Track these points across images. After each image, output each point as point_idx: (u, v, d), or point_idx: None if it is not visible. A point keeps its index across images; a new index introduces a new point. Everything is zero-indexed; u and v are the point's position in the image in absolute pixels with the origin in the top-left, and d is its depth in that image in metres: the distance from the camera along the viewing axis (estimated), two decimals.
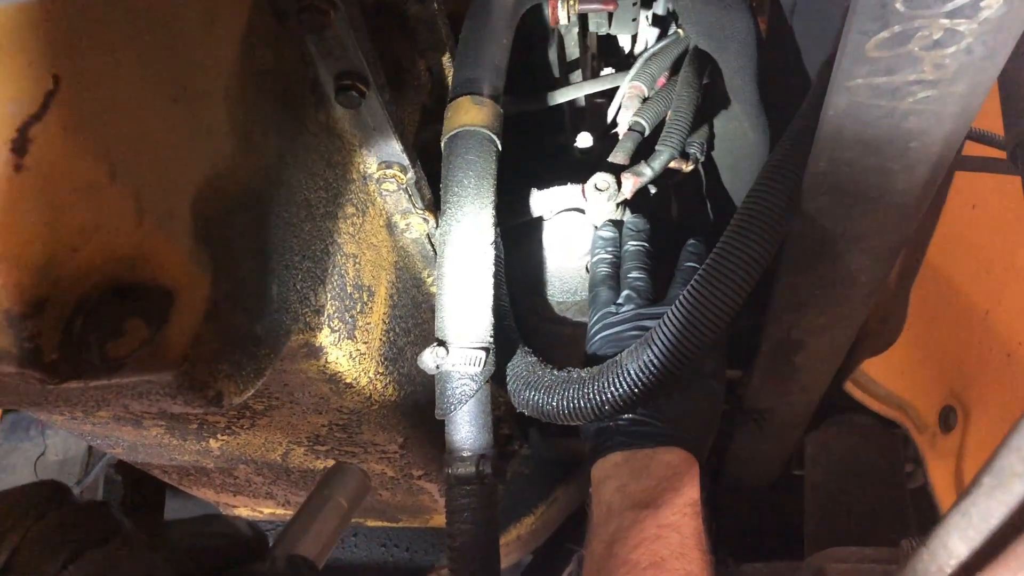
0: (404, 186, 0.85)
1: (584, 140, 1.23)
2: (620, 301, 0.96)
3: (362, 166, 0.82)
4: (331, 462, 1.07)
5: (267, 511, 1.36)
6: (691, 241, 1.04)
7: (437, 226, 0.91)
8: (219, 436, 0.99)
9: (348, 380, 0.85)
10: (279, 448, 1.03)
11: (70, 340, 0.48)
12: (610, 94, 1.29)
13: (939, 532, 0.46)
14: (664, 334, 0.83)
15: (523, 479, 1.51)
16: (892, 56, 0.62)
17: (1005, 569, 0.39)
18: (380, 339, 0.89)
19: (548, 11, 1.10)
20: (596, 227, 1.07)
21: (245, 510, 1.37)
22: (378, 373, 0.89)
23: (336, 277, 0.78)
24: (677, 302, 0.84)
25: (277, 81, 0.66)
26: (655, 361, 0.82)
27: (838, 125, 0.71)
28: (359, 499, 0.70)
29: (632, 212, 1.07)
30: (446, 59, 0.99)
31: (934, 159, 0.72)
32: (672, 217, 1.32)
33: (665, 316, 0.84)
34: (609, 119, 1.28)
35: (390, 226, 0.90)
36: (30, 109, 0.41)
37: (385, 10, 0.91)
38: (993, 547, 0.41)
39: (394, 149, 0.81)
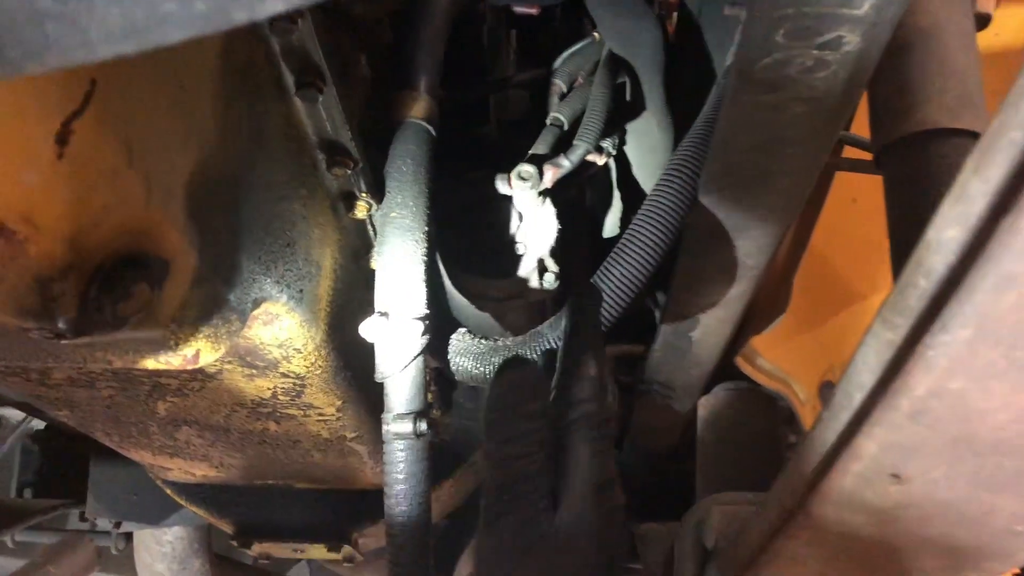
0: (350, 173, 0.94)
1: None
2: None
3: (314, 153, 0.91)
4: (271, 424, 1.16)
5: (200, 473, 1.43)
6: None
7: (377, 209, 1.01)
8: (168, 398, 1.06)
9: (297, 346, 0.94)
10: (223, 410, 1.11)
11: (87, 301, 0.56)
12: (531, 89, 1.41)
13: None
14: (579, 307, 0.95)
15: (443, 445, 1.62)
16: (774, 78, 0.74)
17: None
18: (325, 309, 0.98)
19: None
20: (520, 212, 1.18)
21: (179, 472, 1.44)
22: (323, 341, 0.98)
23: (291, 252, 0.87)
24: (592, 280, 0.96)
25: (248, 78, 0.75)
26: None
27: (731, 133, 0.83)
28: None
29: (552, 201, 1.19)
30: (386, 55, 1.08)
31: (809, 162, 0.86)
32: (586, 205, 1.45)
33: (578, 292, 0.96)
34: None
35: (335, 208, 1.00)
36: (72, 107, 0.50)
37: (332, 9, 0.99)
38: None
39: (344, 139, 0.90)
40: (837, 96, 0.76)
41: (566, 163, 1.17)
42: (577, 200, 1.32)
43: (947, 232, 0.34)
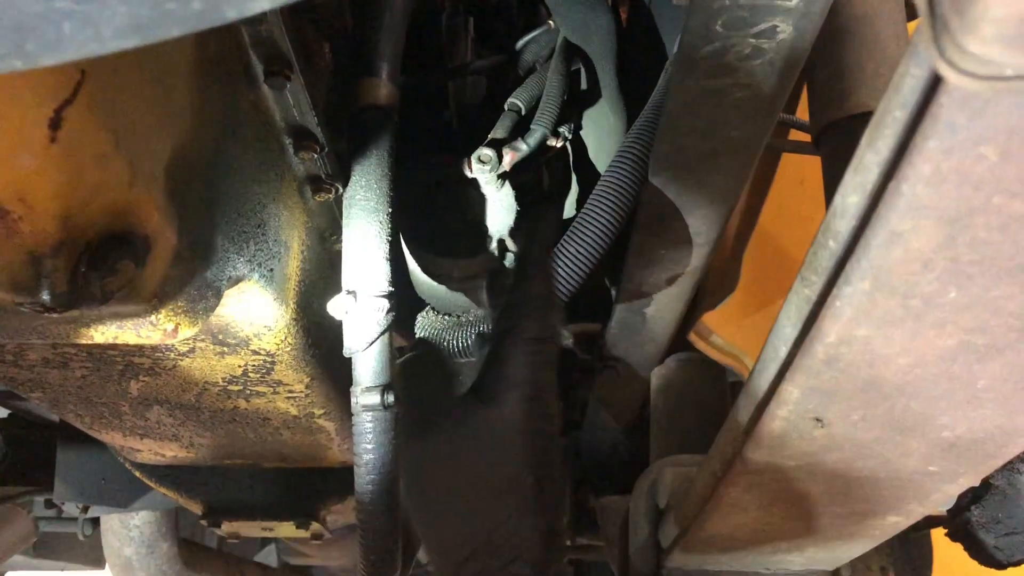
0: (316, 157, 0.98)
1: None
2: None
3: (282, 138, 0.95)
4: (242, 402, 1.20)
5: (170, 454, 1.46)
6: None
7: (342, 193, 1.05)
8: (141, 378, 1.10)
9: (267, 323, 0.98)
10: (195, 388, 1.14)
11: (76, 276, 0.60)
12: (489, 76, 1.45)
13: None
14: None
15: None
16: (715, 65, 0.80)
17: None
18: (294, 289, 1.02)
19: None
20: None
21: (148, 454, 1.47)
22: (292, 319, 1.02)
23: (261, 232, 0.91)
24: (551, 254, 1.01)
25: (219, 66, 0.79)
26: None
27: (677, 116, 0.89)
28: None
29: (511, 184, 1.24)
30: (348, 43, 1.12)
31: (750, 143, 0.92)
32: (543, 188, 1.50)
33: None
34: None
35: (302, 191, 1.04)
36: (64, 95, 0.53)
37: None
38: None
39: (310, 124, 0.94)
40: (773, 81, 0.82)
41: (524, 147, 1.22)
42: (532, 183, 1.37)
43: (850, 198, 0.40)
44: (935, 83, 0.31)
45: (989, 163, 0.32)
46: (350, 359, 1.01)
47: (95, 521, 2.17)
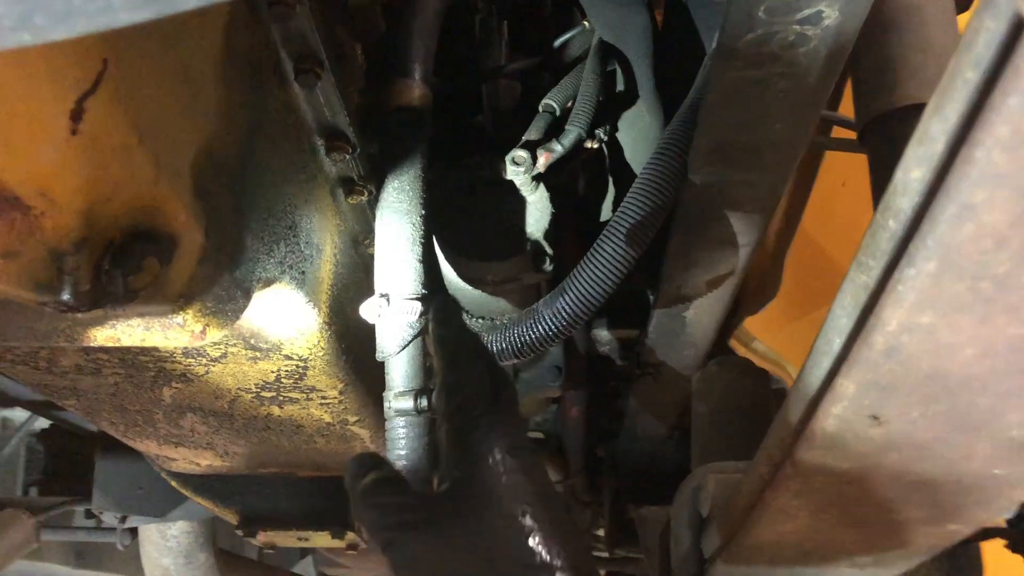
0: (348, 158, 0.97)
1: None
2: None
3: (313, 139, 0.93)
4: (275, 409, 1.19)
5: (205, 463, 1.46)
6: None
7: (375, 194, 1.03)
8: (173, 384, 1.09)
9: (300, 327, 0.97)
10: (228, 395, 1.13)
11: (99, 273, 0.59)
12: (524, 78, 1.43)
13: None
14: (575, 283, 0.97)
15: None
16: (757, 53, 0.77)
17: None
18: (327, 292, 1.00)
19: None
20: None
21: (184, 462, 1.46)
22: (324, 323, 1.01)
23: (293, 234, 0.90)
24: (586, 256, 0.98)
25: (249, 64, 0.78)
26: (567, 307, 0.97)
27: (717, 109, 0.86)
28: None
29: (546, 185, 1.22)
30: (381, 44, 1.11)
31: (794, 137, 0.89)
32: (579, 191, 1.48)
33: (576, 269, 0.98)
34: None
35: (334, 193, 1.02)
36: (85, 85, 0.52)
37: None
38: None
39: (342, 124, 0.92)
40: (818, 70, 0.78)
41: (559, 147, 1.19)
42: (568, 186, 1.35)
43: (912, 173, 0.37)
44: (1016, 32, 0.29)
45: None
46: (384, 365, 0.99)
47: (133, 531, 2.17)
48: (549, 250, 1.21)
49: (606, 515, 2.22)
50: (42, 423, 2.28)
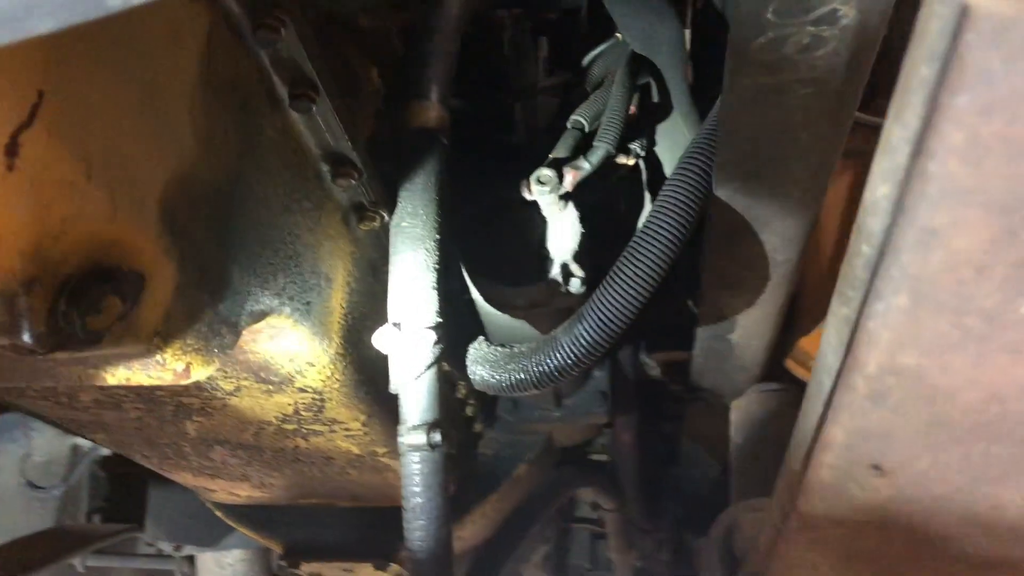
0: (357, 183, 0.94)
1: None
2: None
3: (318, 165, 0.90)
4: (300, 441, 1.16)
5: (244, 493, 1.44)
6: None
7: (390, 219, 1.00)
8: (194, 418, 1.07)
9: (309, 359, 0.93)
10: (251, 428, 1.11)
11: (55, 315, 0.56)
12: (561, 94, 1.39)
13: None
14: (593, 309, 0.92)
15: (487, 459, 1.60)
16: (771, 59, 0.71)
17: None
18: (339, 322, 0.97)
19: None
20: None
21: (223, 493, 1.45)
22: (338, 354, 0.97)
23: (294, 264, 0.86)
24: (605, 280, 0.92)
25: (236, 90, 0.75)
26: (585, 334, 0.91)
27: (736, 120, 0.80)
28: None
29: (575, 204, 1.16)
30: (398, 67, 1.08)
31: (824, 147, 0.82)
32: (619, 209, 1.42)
33: (595, 293, 0.93)
34: None
35: (346, 220, 0.99)
36: (20, 119, 0.49)
37: (336, 20, 0.99)
38: None
39: (345, 150, 0.89)
40: (842, 74, 0.72)
41: (586, 165, 1.14)
42: (606, 203, 1.29)
43: (880, 189, 0.31)
44: (963, 18, 0.23)
45: None
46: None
47: (191, 559, 2.18)
48: (580, 272, 1.15)
49: (667, 543, 2.15)
50: (105, 451, 2.31)
